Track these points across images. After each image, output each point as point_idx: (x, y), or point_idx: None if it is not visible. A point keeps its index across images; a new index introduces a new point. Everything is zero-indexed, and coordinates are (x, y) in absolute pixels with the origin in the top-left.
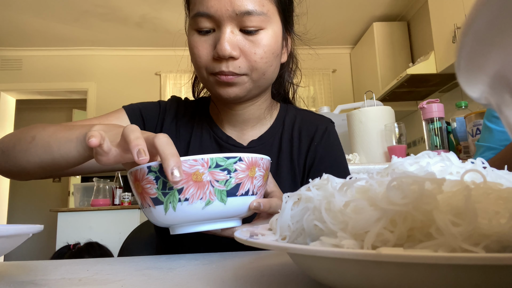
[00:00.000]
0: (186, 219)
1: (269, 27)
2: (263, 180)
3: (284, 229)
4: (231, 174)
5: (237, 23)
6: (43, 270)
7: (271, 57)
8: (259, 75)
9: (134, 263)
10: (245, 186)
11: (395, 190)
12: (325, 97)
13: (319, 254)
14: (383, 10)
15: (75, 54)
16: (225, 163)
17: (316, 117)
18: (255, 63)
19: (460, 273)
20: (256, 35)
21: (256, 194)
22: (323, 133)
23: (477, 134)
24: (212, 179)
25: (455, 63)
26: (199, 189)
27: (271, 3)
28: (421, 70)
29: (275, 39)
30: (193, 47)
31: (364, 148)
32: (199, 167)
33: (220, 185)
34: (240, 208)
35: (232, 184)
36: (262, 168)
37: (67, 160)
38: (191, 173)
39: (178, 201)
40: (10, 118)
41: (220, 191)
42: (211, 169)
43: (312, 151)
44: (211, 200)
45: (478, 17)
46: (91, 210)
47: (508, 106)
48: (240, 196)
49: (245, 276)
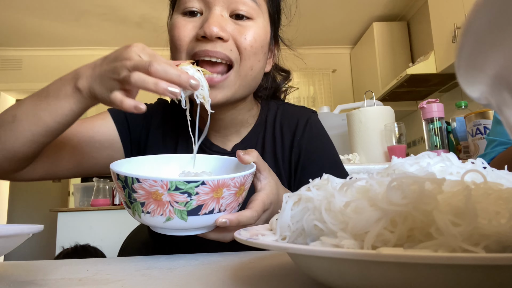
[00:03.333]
0: (152, 227)
1: (259, 19)
2: (234, 196)
3: (284, 229)
4: (191, 197)
5: (228, 6)
6: (43, 270)
7: (260, 50)
8: (247, 70)
9: (134, 263)
10: (209, 206)
11: (395, 190)
12: (325, 97)
13: (319, 254)
14: (383, 10)
15: (75, 54)
16: (185, 187)
17: (297, 110)
18: (245, 50)
19: (460, 273)
20: (247, 22)
21: (225, 211)
22: (305, 126)
23: (477, 134)
24: (172, 200)
25: (455, 63)
26: (159, 207)
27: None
28: (421, 70)
29: (264, 32)
30: (174, 28)
31: (364, 148)
32: (158, 188)
33: (180, 206)
34: (205, 223)
35: (193, 206)
36: (233, 187)
37: (63, 123)
38: (151, 192)
39: (142, 212)
40: None
41: (180, 211)
42: (170, 191)
43: (296, 147)
44: (171, 218)
45: (478, 17)
46: (91, 210)
47: (508, 106)
48: (203, 215)
49: (245, 276)
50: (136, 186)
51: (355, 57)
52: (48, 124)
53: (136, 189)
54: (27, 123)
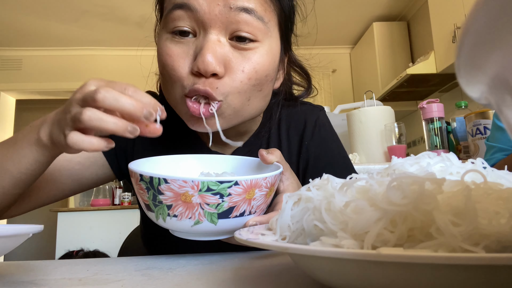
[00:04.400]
0: (177, 230)
1: (267, 41)
2: (265, 197)
3: (284, 229)
4: (224, 198)
5: (227, 27)
6: (43, 270)
7: (263, 80)
8: (242, 102)
9: (134, 263)
10: (240, 209)
11: (395, 190)
12: (325, 97)
13: (319, 254)
14: (383, 10)
15: (75, 54)
16: (217, 187)
17: (303, 109)
18: (240, 84)
19: (460, 273)
20: (249, 49)
21: (255, 213)
22: (313, 129)
23: (477, 134)
24: (202, 202)
25: (455, 63)
26: (188, 209)
27: (273, 13)
28: (421, 70)
29: (271, 59)
30: (166, 56)
31: (364, 148)
32: (188, 189)
33: (211, 208)
34: (234, 227)
35: (224, 208)
36: (264, 187)
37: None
38: (180, 193)
39: (167, 215)
40: (10, 118)
41: (211, 214)
42: (201, 192)
43: (305, 152)
44: (200, 221)
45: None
46: (91, 210)
47: (508, 107)
48: (233, 218)
49: (245, 276)
50: (163, 187)
51: (355, 57)
52: (15, 176)
53: (163, 190)
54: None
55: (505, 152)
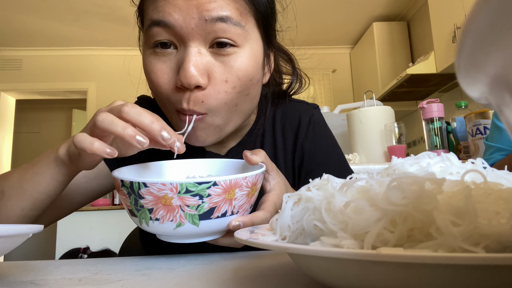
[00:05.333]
0: (161, 234)
1: (247, 45)
2: (247, 197)
3: (284, 229)
4: (203, 199)
5: (205, 37)
6: (43, 270)
7: (248, 85)
8: (230, 109)
9: (134, 263)
10: (221, 209)
11: (395, 191)
12: (325, 97)
13: (319, 254)
14: (383, 10)
15: (75, 54)
16: (196, 188)
17: (298, 106)
18: (225, 95)
19: (460, 273)
20: (230, 54)
21: (238, 213)
22: (308, 126)
23: (477, 134)
24: (182, 204)
25: (455, 63)
26: (168, 212)
27: (249, 15)
28: (421, 70)
29: (254, 62)
30: (151, 72)
31: (364, 148)
32: (167, 192)
33: (192, 209)
34: (217, 228)
35: (205, 209)
36: (245, 187)
37: (47, 193)
38: (160, 196)
39: (150, 219)
40: (10, 118)
41: (192, 215)
42: (180, 194)
43: (299, 150)
44: (182, 223)
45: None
46: (91, 210)
47: (508, 106)
48: (215, 218)
49: (245, 276)
50: (143, 191)
51: (355, 57)
52: (34, 196)
53: (144, 194)
54: (15, 199)
55: (503, 152)
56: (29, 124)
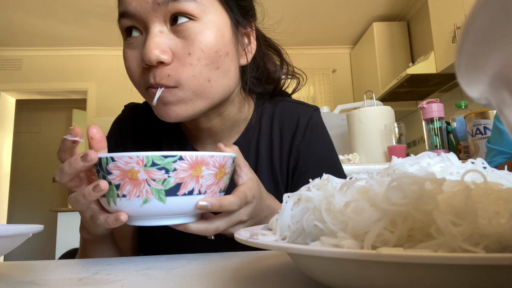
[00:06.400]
0: (129, 214)
1: (206, 18)
2: (214, 178)
3: (284, 229)
4: (169, 174)
5: (163, 18)
6: (43, 270)
7: (214, 57)
8: (202, 84)
9: (134, 263)
10: (188, 186)
11: (395, 191)
12: (325, 97)
13: (319, 254)
14: (383, 10)
15: (75, 54)
16: (162, 162)
17: (297, 108)
18: (190, 67)
19: (460, 273)
20: (190, 29)
21: (205, 193)
22: (305, 128)
23: (477, 134)
24: (148, 178)
25: (455, 63)
26: (135, 187)
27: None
28: (421, 70)
29: (216, 33)
30: (125, 61)
31: (364, 148)
32: (134, 165)
33: (158, 184)
34: (185, 207)
35: (171, 184)
36: (212, 166)
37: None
38: (126, 170)
39: (117, 196)
40: (10, 118)
41: (158, 190)
42: (146, 167)
43: (295, 152)
44: (149, 199)
45: (478, 17)
46: None
47: (508, 106)
48: (182, 196)
49: (245, 276)
50: (110, 166)
51: (355, 57)
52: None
53: (111, 169)
54: None
55: (505, 155)
56: (29, 124)
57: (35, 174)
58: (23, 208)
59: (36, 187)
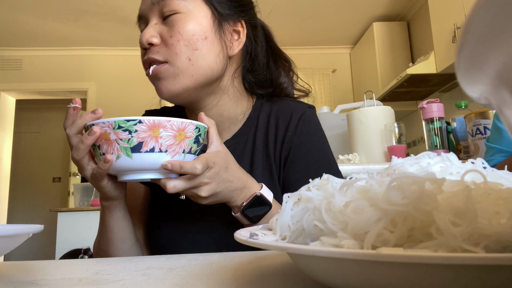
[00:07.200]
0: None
1: (187, 10)
2: (174, 139)
3: (284, 229)
4: (132, 134)
5: (158, 14)
6: (43, 270)
7: (192, 39)
8: (184, 61)
9: (134, 263)
10: (149, 144)
11: (395, 191)
12: (325, 97)
13: (319, 254)
14: (383, 10)
15: (75, 54)
16: (125, 125)
17: (293, 104)
18: (172, 47)
19: (460, 273)
20: (172, 19)
21: (167, 152)
22: (298, 121)
23: (477, 134)
24: (117, 138)
25: (455, 63)
26: (109, 146)
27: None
28: (421, 70)
29: (194, 21)
30: None
31: (364, 148)
32: (106, 128)
33: (124, 143)
34: (150, 163)
35: (134, 142)
36: (170, 129)
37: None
38: (102, 133)
39: (100, 155)
40: (10, 118)
41: (125, 148)
42: (115, 130)
43: (287, 142)
44: (120, 156)
45: (478, 17)
46: (91, 210)
47: (508, 106)
48: (145, 152)
49: (245, 276)
50: None
51: (355, 57)
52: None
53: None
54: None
55: (504, 153)
56: (29, 124)
57: (35, 174)
58: (23, 208)
59: (36, 187)
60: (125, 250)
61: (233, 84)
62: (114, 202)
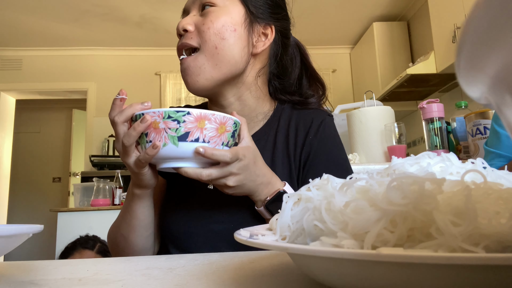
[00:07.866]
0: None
1: (222, 4)
2: (216, 131)
3: (284, 229)
4: (180, 124)
5: (198, 7)
6: (43, 270)
7: (221, 30)
8: (211, 49)
9: (134, 263)
10: (195, 134)
11: (395, 190)
12: None
13: (319, 254)
14: (383, 10)
15: (75, 54)
16: (175, 115)
17: (313, 111)
18: (203, 33)
19: (460, 273)
20: (208, 10)
21: (209, 143)
22: (318, 126)
23: (477, 134)
24: (166, 127)
25: (455, 63)
26: (157, 134)
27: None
28: (421, 70)
29: (226, 15)
30: None
31: (364, 148)
32: (156, 118)
33: (172, 132)
34: (192, 152)
35: (182, 132)
36: (213, 122)
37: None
38: (151, 122)
39: (146, 142)
40: (10, 118)
41: (173, 137)
42: (164, 119)
43: (307, 145)
44: (166, 143)
45: (478, 17)
46: (91, 210)
47: (508, 107)
48: (190, 141)
49: (245, 276)
50: None
51: (355, 57)
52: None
53: None
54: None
55: (503, 158)
56: (29, 124)
57: (35, 174)
58: (23, 208)
59: (36, 187)
60: (145, 237)
61: (256, 83)
62: (147, 191)
